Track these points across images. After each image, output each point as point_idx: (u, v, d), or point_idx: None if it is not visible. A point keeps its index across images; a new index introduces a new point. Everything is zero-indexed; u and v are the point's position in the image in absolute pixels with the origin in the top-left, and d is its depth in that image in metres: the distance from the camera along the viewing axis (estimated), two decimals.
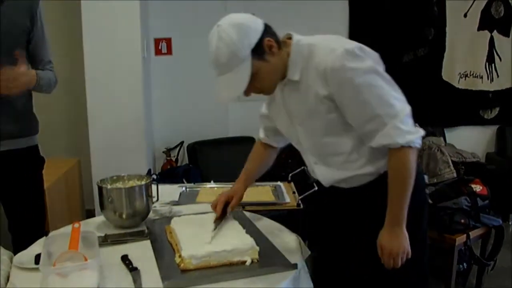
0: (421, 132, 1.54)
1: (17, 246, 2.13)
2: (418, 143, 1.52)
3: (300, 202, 2.54)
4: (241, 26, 1.51)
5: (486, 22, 4.70)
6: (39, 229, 2.25)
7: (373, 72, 1.50)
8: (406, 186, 1.54)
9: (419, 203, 1.66)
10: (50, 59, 2.25)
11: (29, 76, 2.05)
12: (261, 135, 2.07)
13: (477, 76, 4.80)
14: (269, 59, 1.54)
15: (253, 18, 1.55)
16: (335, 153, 1.65)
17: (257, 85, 1.58)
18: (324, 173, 1.73)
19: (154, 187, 2.06)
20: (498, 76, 4.81)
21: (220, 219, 1.81)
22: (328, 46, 1.53)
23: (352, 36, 4.54)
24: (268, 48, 1.53)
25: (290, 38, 1.62)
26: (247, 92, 1.59)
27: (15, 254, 1.83)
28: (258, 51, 1.51)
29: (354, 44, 1.52)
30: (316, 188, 2.56)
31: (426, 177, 1.88)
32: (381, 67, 1.53)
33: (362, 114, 1.52)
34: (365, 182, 1.65)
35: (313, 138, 1.67)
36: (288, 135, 1.82)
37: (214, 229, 1.70)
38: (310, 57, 1.55)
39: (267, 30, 1.54)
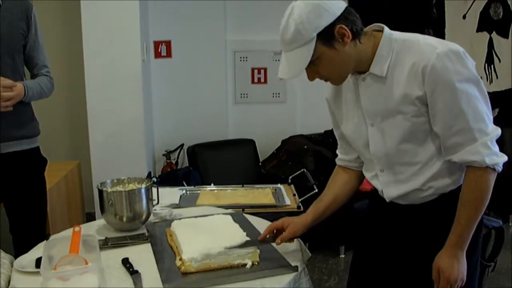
0: (505, 158, 1.46)
1: (18, 247, 2.15)
2: (501, 167, 1.44)
3: (300, 204, 2.54)
4: (316, 6, 1.39)
5: (485, 23, 4.71)
6: (40, 230, 2.26)
7: (474, 82, 1.41)
8: (479, 209, 1.45)
9: (479, 227, 1.55)
10: (45, 64, 2.26)
11: (16, 91, 2.03)
12: (345, 158, 1.78)
13: None
14: (338, 47, 1.42)
15: (333, 1, 1.42)
16: (409, 162, 1.53)
17: (321, 71, 1.47)
18: (388, 183, 1.59)
19: (154, 190, 2.06)
20: (497, 78, 4.82)
21: (261, 242, 1.67)
22: (429, 43, 1.43)
23: None
24: (339, 35, 1.41)
25: (379, 30, 1.51)
26: (310, 77, 1.50)
27: (16, 254, 1.84)
28: (327, 36, 1.40)
29: (459, 46, 1.42)
30: (316, 190, 2.56)
31: None
32: (480, 79, 1.44)
33: (454, 124, 1.41)
34: (426, 201, 1.56)
35: (387, 141, 1.54)
36: (355, 137, 1.64)
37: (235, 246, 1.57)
38: (404, 52, 1.45)
39: (346, 17, 1.42)
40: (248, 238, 1.63)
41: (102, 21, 3.65)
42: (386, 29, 1.51)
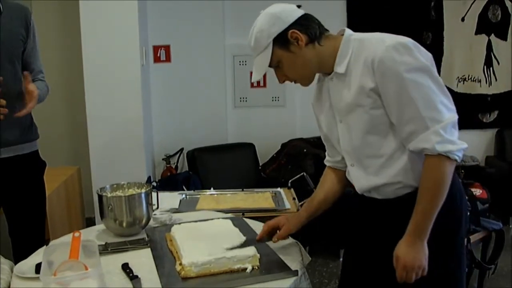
0: (463, 145, 1.45)
1: (17, 251, 2.15)
2: (457, 156, 1.44)
3: (300, 208, 2.53)
4: (271, 16, 1.55)
5: (484, 26, 4.72)
6: (39, 234, 2.26)
7: (424, 71, 1.45)
8: (436, 198, 1.46)
9: (453, 223, 1.59)
10: (41, 69, 2.28)
11: (36, 98, 2.06)
12: (333, 159, 1.83)
13: (475, 80, 4.81)
14: (295, 50, 1.55)
15: (288, 10, 1.57)
16: (374, 155, 1.58)
17: (287, 73, 1.61)
18: (359, 177, 1.65)
19: (154, 194, 2.06)
20: (496, 80, 4.82)
21: (259, 240, 1.74)
22: (380, 38, 1.51)
23: None
24: (293, 39, 1.54)
25: (343, 34, 1.61)
26: (280, 79, 1.64)
27: (15, 258, 1.84)
28: (282, 40, 1.54)
29: (408, 39, 1.48)
30: None
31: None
32: (434, 69, 1.48)
33: (405, 113, 1.46)
34: (400, 194, 1.58)
35: (353, 135, 1.60)
36: (329, 135, 1.73)
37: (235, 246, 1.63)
38: (360, 50, 1.53)
39: (300, 23, 1.55)
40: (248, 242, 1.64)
41: (101, 26, 3.66)
42: (347, 31, 1.60)
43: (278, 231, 1.76)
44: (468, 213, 2.79)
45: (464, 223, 1.65)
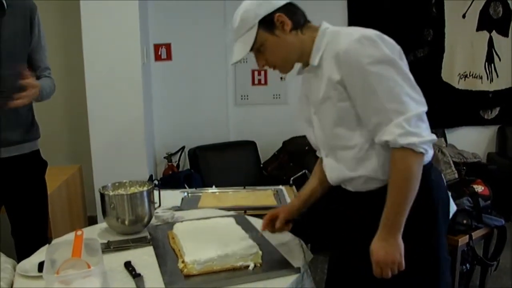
0: (429, 137, 1.44)
1: (20, 250, 2.15)
2: (422, 148, 1.42)
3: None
4: None
5: (485, 22, 4.71)
6: (42, 233, 2.26)
7: (388, 63, 1.44)
8: (404, 191, 1.45)
9: (428, 217, 1.57)
10: (47, 66, 2.27)
11: (36, 88, 2.05)
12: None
13: (476, 77, 4.80)
14: (279, 34, 1.56)
15: None
16: (345, 147, 1.57)
17: (268, 58, 1.61)
18: (332, 168, 1.65)
19: (156, 193, 2.07)
20: (497, 76, 4.82)
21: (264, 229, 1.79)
22: (349, 32, 1.51)
23: None
24: (279, 23, 1.55)
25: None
26: (259, 63, 1.63)
27: (18, 257, 1.84)
28: (267, 23, 1.55)
29: (374, 31, 1.49)
30: None
31: (453, 205, 1.76)
32: (401, 61, 1.48)
33: (369, 105, 1.46)
34: (373, 188, 1.57)
35: (324, 127, 1.62)
36: (307, 127, 1.75)
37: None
38: (331, 43, 1.54)
39: (287, 8, 1.57)
40: (251, 240, 1.64)
41: (102, 24, 3.66)
42: (323, 24, 1.62)
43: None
44: (470, 210, 2.83)
45: (442, 217, 1.63)
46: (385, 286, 1.54)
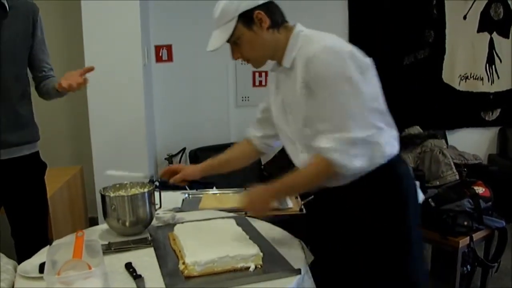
0: (355, 165, 1.51)
1: (20, 252, 2.15)
2: (339, 167, 1.51)
3: (303, 207, 2.53)
4: None
5: (486, 23, 4.71)
6: (42, 235, 2.26)
7: (347, 80, 1.50)
8: (305, 184, 1.67)
9: (398, 209, 1.64)
10: (51, 67, 2.27)
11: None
12: (254, 134, 2.07)
13: (477, 78, 4.80)
14: (257, 31, 1.62)
15: None
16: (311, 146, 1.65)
17: (243, 51, 1.68)
18: (305, 163, 1.71)
19: (156, 194, 2.06)
20: (498, 78, 4.82)
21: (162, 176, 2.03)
22: (321, 38, 1.59)
23: (352, 40, 4.55)
24: (258, 20, 1.61)
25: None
26: (234, 55, 1.72)
27: (18, 259, 1.84)
28: (246, 18, 1.61)
29: (344, 45, 1.56)
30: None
31: (420, 194, 1.86)
32: (362, 83, 1.52)
33: (318, 112, 1.56)
34: (346, 182, 1.63)
35: (297, 125, 1.69)
36: (277, 121, 1.85)
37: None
38: (304, 47, 1.60)
39: (267, 6, 1.63)
40: (251, 242, 1.65)
41: (103, 25, 3.66)
42: (297, 26, 1.68)
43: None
44: (471, 211, 2.83)
45: (412, 208, 1.68)
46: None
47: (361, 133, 1.50)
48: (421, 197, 1.82)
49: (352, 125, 1.50)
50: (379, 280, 1.64)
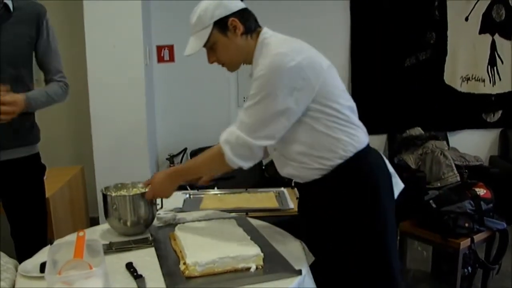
0: (236, 164, 1.67)
1: (20, 252, 2.15)
2: (226, 158, 1.66)
3: None
4: (217, 1, 1.70)
5: (488, 25, 4.71)
6: (41, 235, 2.26)
7: (270, 93, 1.58)
8: (198, 167, 1.90)
9: (372, 197, 1.67)
10: (58, 69, 2.26)
11: (15, 105, 1.97)
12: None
13: (479, 80, 4.80)
14: (231, 37, 1.70)
15: (235, 1, 1.72)
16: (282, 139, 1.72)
17: (218, 56, 1.76)
18: (277, 160, 1.81)
19: None
20: (500, 79, 4.82)
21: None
22: (276, 46, 1.64)
23: (354, 41, 4.55)
24: (232, 27, 1.69)
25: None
26: (209, 59, 1.80)
27: (18, 259, 1.84)
28: (221, 25, 1.69)
29: (295, 56, 1.58)
30: None
31: (398, 182, 1.89)
32: (286, 99, 1.58)
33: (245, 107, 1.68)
34: (316, 177, 1.69)
35: None
36: None
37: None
38: (260, 56, 1.68)
39: (241, 14, 1.70)
40: (252, 242, 1.65)
41: (105, 26, 3.67)
42: (262, 32, 1.74)
43: None
44: (472, 213, 2.82)
45: (386, 198, 1.72)
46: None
47: (258, 141, 1.63)
48: (400, 186, 1.84)
49: (257, 129, 1.63)
50: (363, 279, 1.67)
